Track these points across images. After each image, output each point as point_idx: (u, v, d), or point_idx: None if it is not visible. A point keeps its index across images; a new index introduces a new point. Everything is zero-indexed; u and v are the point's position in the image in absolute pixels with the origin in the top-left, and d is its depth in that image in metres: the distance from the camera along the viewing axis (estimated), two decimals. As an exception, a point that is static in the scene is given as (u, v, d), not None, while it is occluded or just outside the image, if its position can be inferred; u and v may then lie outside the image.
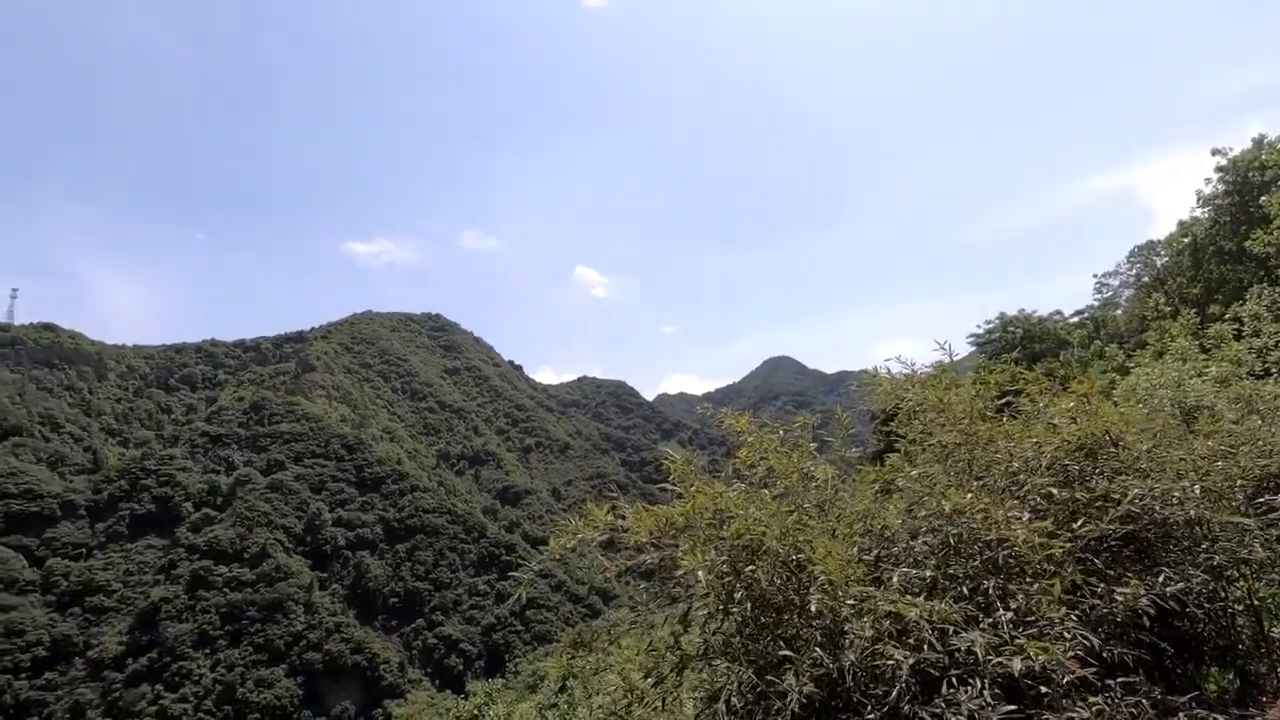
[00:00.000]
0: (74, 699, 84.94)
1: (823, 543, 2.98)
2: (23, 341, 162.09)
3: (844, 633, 2.78)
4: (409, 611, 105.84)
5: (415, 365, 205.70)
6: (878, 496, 3.73)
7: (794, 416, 4.37)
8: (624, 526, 3.33)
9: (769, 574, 2.99)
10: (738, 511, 3.16)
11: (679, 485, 3.62)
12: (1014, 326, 35.35)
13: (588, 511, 3.40)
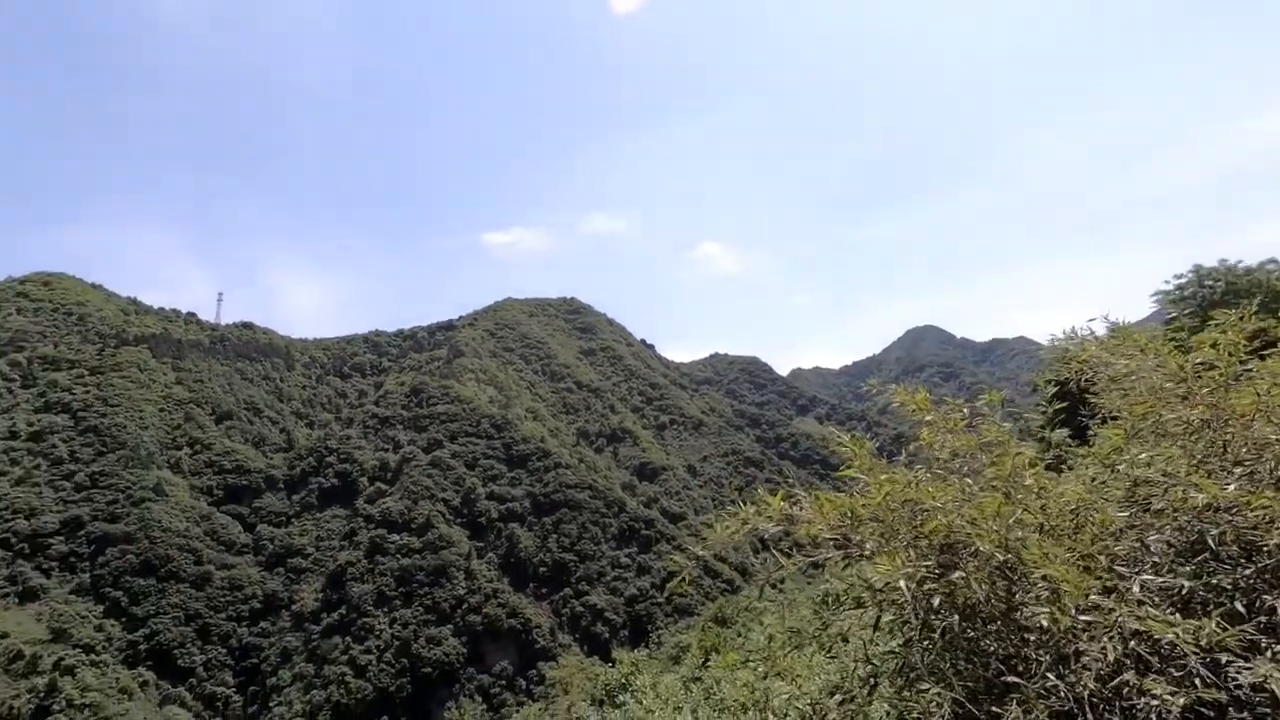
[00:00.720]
0: (282, 645, 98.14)
1: (1035, 541, 2.49)
2: (228, 339, 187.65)
3: (1077, 654, 2.28)
4: (557, 581, 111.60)
5: (553, 348, 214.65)
6: (1091, 484, 3.04)
7: (943, 389, 3.75)
8: (800, 517, 2.96)
9: (980, 580, 2.51)
10: (934, 504, 2.72)
11: (860, 473, 3.13)
12: (1213, 280, 30.38)
13: (759, 499, 3.06)
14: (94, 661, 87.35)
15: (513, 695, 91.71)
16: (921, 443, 3.44)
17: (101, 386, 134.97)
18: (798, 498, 3.02)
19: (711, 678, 19.19)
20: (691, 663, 24.50)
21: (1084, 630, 2.29)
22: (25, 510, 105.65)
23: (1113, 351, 3.67)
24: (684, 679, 21.93)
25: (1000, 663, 2.40)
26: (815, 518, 2.90)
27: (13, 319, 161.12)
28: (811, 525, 2.90)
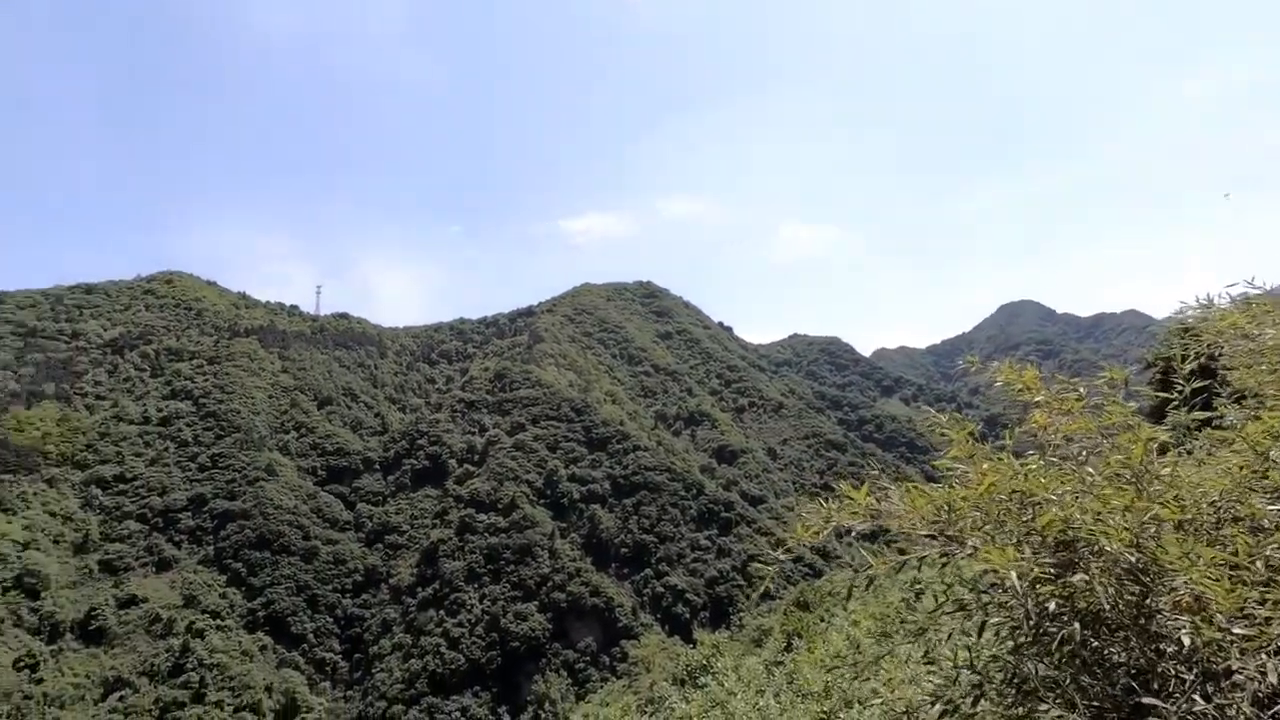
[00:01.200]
0: (382, 616, 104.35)
1: (1174, 541, 2.12)
2: (327, 329, 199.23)
3: (1228, 673, 1.96)
4: (638, 561, 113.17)
5: (630, 332, 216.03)
6: (1239, 474, 2.58)
7: (1042, 368, 3.37)
8: (889, 512, 2.69)
9: (1106, 583, 2.15)
10: (1048, 495, 2.37)
11: (959, 460, 2.83)
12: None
13: (843, 493, 2.82)
14: (219, 626, 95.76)
15: (597, 671, 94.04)
16: (1034, 425, 3.04)
17: (218, 375, 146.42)
18: (885, 490, 2.80)
19: (794, 663, 18.95)
20: (774, 646, 24.29)
21: (1235, 645, 1.96)
22: (158, 488, 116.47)
23: (1259, 320, 3.19)
24: (766, 663, 21.77)
25: (1131, 678, 2.07)
26: (907, 512, 2.64)
27: (142, 315, 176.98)
28: (903, 521, 2.65)
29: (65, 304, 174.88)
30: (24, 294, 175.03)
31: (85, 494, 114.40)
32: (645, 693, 30.49)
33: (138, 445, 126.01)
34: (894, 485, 2.84)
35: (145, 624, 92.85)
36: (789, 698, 14.13)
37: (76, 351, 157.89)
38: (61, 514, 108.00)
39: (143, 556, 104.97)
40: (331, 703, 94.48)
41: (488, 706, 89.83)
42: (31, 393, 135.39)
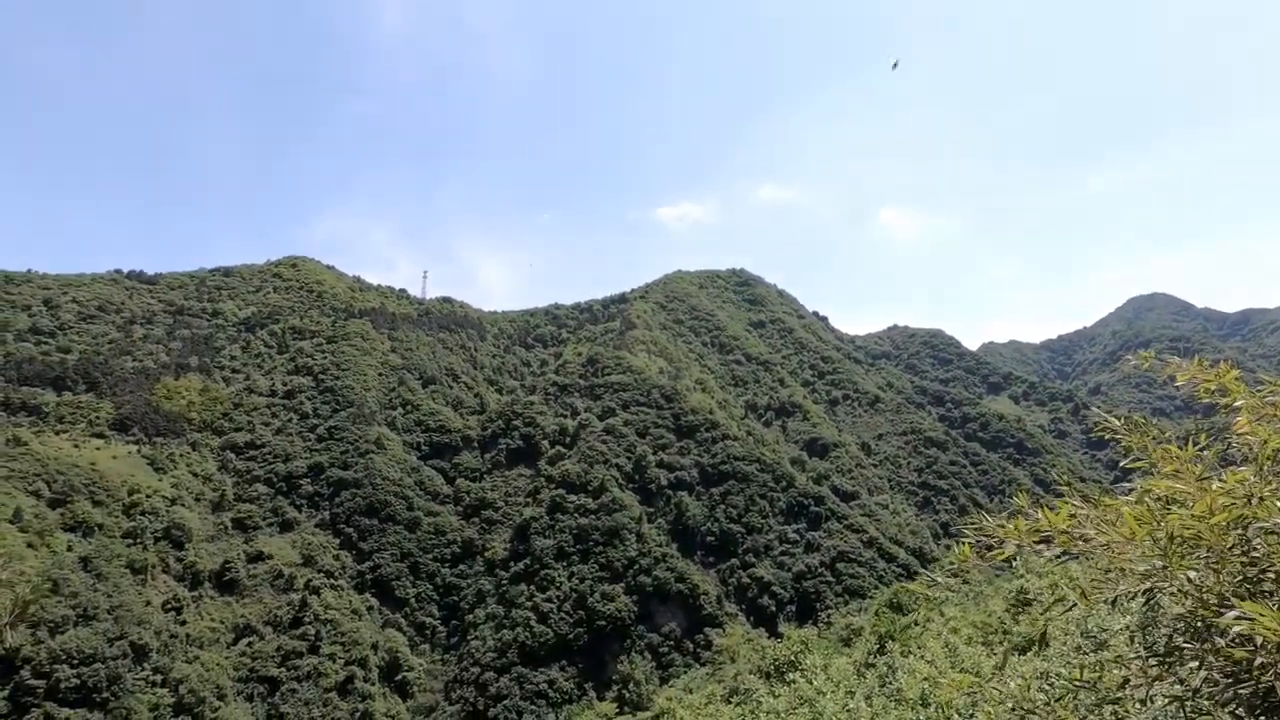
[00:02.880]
0: (477, 587, 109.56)
1: None
2: (432, 312, 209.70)
3: None
4: (724, 550, 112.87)
5: (722, 320, 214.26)
6: None
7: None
8: (1090, 536, 2.28)
9: None
10: None
11: (1161, 472, 2.37)
12: None
13: (1029, 510, 2.43)
14: (333, 585, 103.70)
15: (680, 656, 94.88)
16: (1244, 434, 2.56)
17: (335, 354, 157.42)
18: (1079, 510, 2.38)
19: (886, 665, 18.40)
20: (864, 647, 23.67)
21: None
22: (283, 455, 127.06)
23: None
24: (856, 663, 21.25)
25: None
26: (1118, 539, 2.18)
27: (270, 296, 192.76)
28: (1115, 553, 2.19)
29: (207, 285, 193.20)
30: (173, 276, 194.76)
31: (222, 458, 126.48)
32: (729, 682, 30.57)
33: (266, 416, 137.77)
34: (1086, 504, 2.45)
35: (270, 578, 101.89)
36: (881, 702, 13.77)
37: (216, 329, 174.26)
38: (202, 475, 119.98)
39: (269, 517, 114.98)
40: (430, 664, 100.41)
41: (574, 681, 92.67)
42: (179, 365, 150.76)
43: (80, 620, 77.71)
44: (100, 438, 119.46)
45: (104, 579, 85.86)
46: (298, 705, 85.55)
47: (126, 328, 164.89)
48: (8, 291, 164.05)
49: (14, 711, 67.56)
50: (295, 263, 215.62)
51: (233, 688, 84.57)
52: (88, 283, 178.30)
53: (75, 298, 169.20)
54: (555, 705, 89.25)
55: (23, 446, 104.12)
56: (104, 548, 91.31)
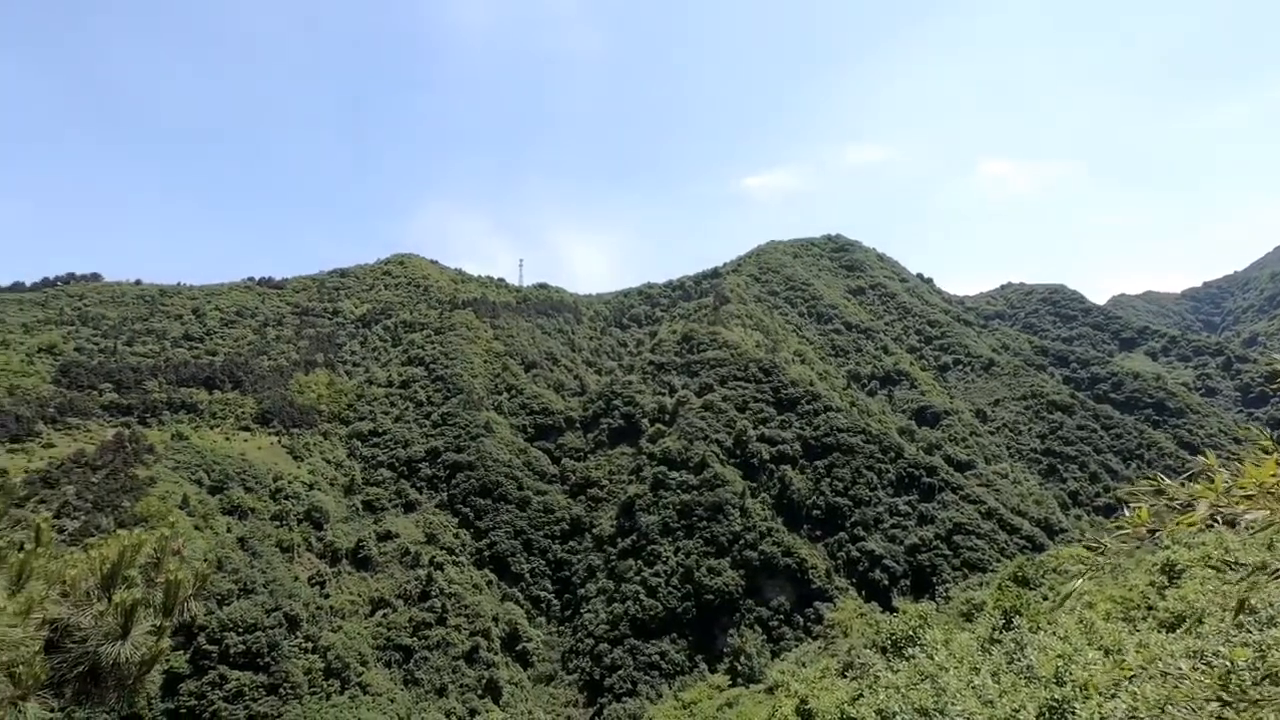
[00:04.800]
0: (587, 562, 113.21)
1: None
2: (529, 298, 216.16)
3: None
4: (831, 524, 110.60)
5: (819, 288, 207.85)
6: None
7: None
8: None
9: None
10: None
11: None
12: None
13: (1208, 468, 2.12)
14: (454, 561, 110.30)
15: (791, 630, 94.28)
16: None
17: (443, 344, 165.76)
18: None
19: (1014, 642, 17.47)
20: (987, 622, 22.56)
21: None
22: (402, 441, 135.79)
23: None
24: (980, 639, 20.31)
25: None
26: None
27: (382, 293, 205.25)
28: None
29: (327, 287, 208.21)
30: (298, 280, 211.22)
31: (349, 445, 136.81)
32: (844, 657, 30.10)
33: (385, 405, 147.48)
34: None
35: (398, 556, 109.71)
36: (1010, 679, 13.12)
37: (337, 327, 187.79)
38: (334, 461, 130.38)
39: (393, 499, 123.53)
40: (547, 636, 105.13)
41: (685, 654, 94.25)
42: (308, 361, 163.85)
43: (241, 593, 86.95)
44: (246, 430, 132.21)
45: (258, 557, 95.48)
46: (430, 672, 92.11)
47: (261, 330, 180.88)
48: (163, 304, 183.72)
49: (194, 673, 76.85)
50: (403, 260, 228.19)
51: (373, 655, 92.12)
52: (226, 291, 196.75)
53: (218, 305, 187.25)
54: (668, 676, 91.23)
55: (184, 440, 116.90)
56: (257, 529, 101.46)
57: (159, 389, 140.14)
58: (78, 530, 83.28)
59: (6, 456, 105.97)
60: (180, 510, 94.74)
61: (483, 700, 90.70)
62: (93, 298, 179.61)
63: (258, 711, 76.25)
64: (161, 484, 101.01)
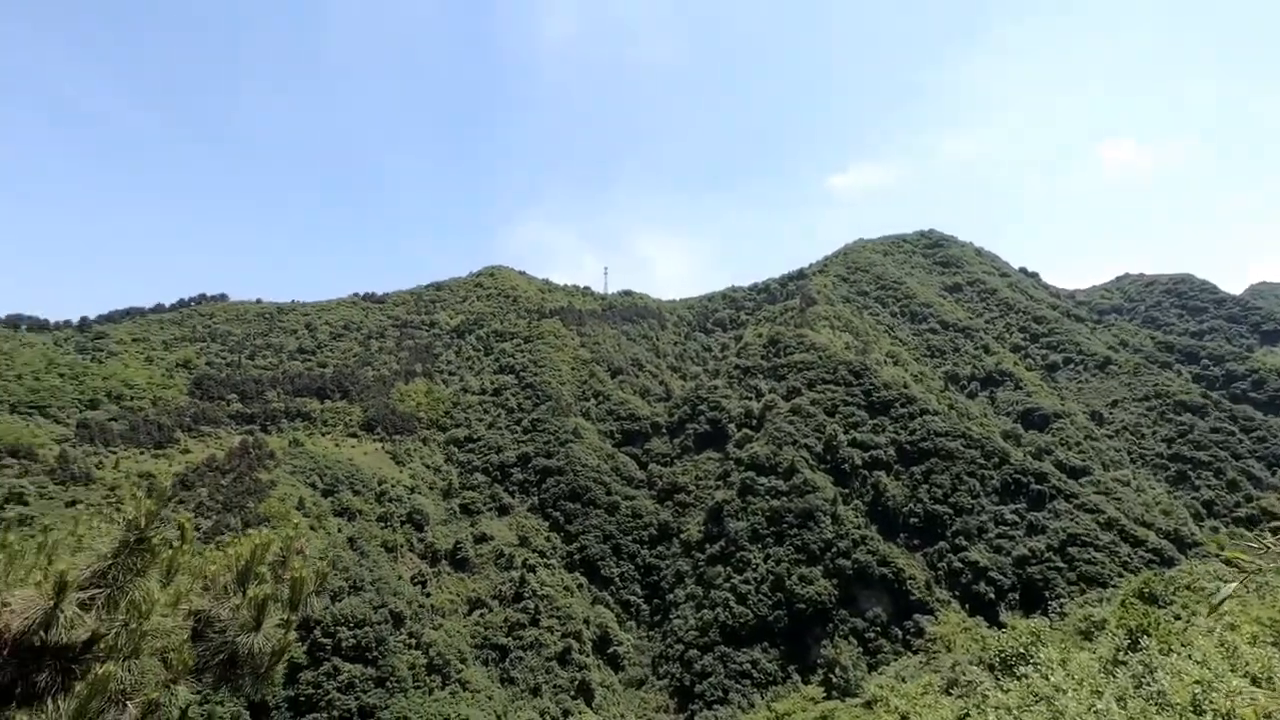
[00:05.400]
0: (676, 568, 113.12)
1: None
2: (614, 306, 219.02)
3: None
4: (930, 533, 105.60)
5: (912, 287, 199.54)
6: None
7: None
8: None
9: None
10: None
11: None
12: None
13: None
14: (546, 564, 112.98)
15: (888, 643, 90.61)
16: None
17: (532, 352, 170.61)
18: None
19: (1142, 664, 16.07)
20: (1110, 642, 20.88)
21: None
22: (495, 447, 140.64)
23: None
24: (1102, 660, 18.81)
25: None
26: None
27: (475, 305, 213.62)
28: None
29: (424, 299, 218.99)
30: (398, 295, 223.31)
31: (447, 451, 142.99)
32: (947, 673, 28.57)
33: (479, 412, 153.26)
34: None
35: (493, 557, 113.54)
36: (1139, 705, 12.07)
37: (433, 338, 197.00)
38: (432, 466, 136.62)
39: (488, 502, 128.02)
40: (637, 640, 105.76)
41: (777, 663, 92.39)
42: (407, 371, 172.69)
43: (351, 590, 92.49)
44: (354, 437, 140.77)
45: (366, 556, 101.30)
46: (525, 671, 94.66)
47: (366, 342, 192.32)
48: (280, 320, 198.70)
49: (311, 663, 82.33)
50: (493, 272, 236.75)
51: (471, 653, 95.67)
52: (334, 306, 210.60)
53: (327, 320, 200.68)
54: (760, 686, 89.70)
55: (300, 446, 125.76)
56: (364, 530, 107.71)
57: (278, 399, 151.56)
58: (210, 529, 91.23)
59: (152, 461, 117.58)
60: (297, 511, 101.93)
61: (575, 701, 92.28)
62: (221, 316, 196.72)
63: (367, 703, 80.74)
64: (281, 486, 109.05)
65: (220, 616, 6.00)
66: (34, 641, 4.90)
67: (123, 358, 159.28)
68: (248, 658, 5.76)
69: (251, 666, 5.82)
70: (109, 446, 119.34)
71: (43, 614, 4.82)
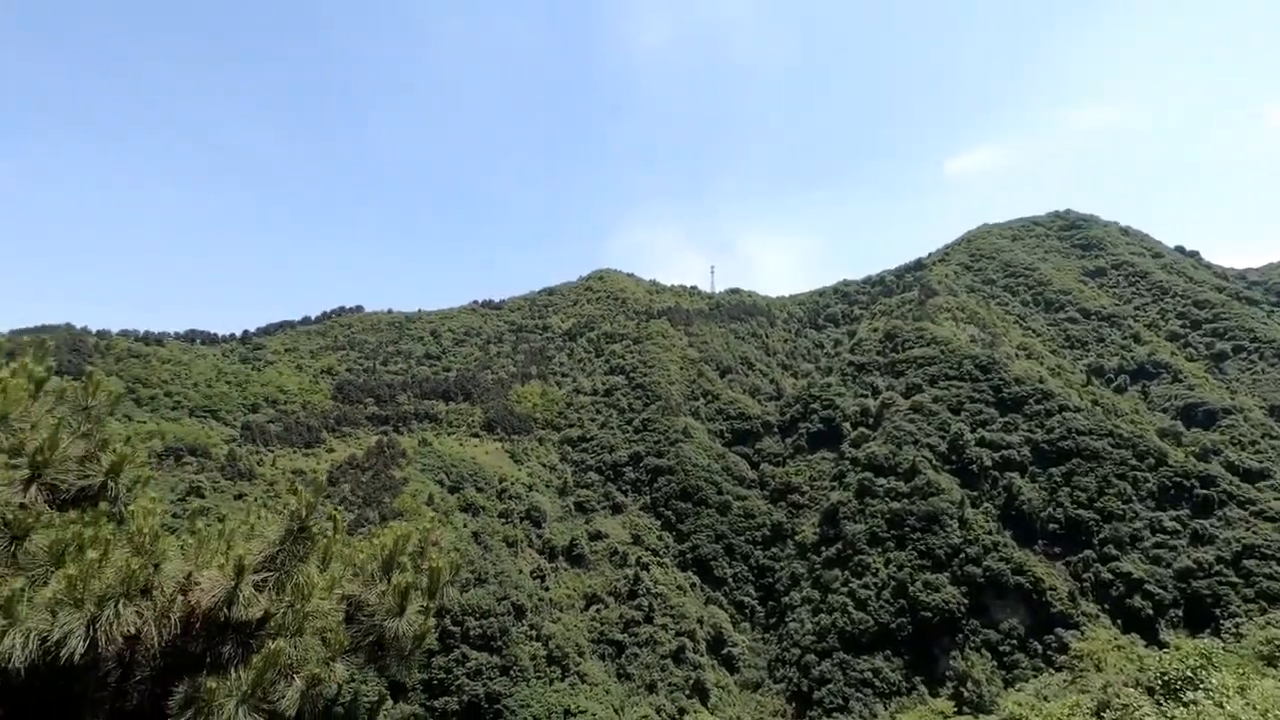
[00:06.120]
0: (791, 570, 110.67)
1: None
2: (722, 304, 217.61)
3: None
4: (1073, 540, 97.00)
5: (1046, 272, 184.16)
6: None
7: None
8: None
9: None
10: None
11: None
12: None
13: None
14: (659, 562, 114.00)
15: (1025, 657, 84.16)
16: None
17: (641, 353, 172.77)
18: None
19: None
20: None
21: None
22: (608, 446, 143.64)
23: None
24: (1292, 689, 16.50)
25: None
26: None
27: (585, 308, 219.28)
28: None
29: (537, 305, 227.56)
30: (513, 300, 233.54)
31: (561, 450, 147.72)
32: (1098, 694, 26.04)
33: (591, 412, 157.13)
34: None
35: (607, 554, 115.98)
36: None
37: (546, 341, 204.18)
38: (548, 465, 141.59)
39: (601, 501, 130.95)
40: (752, 642, 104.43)
41: (900, 673, 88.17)
42: (523, 374, 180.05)
43: (476, 583, 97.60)
44: (476, 437, 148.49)
45: (489, 550, 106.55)
46: (640, 668, 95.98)
47: (485, 347, 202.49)
48: (408, 328, 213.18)
49: (442, 649, 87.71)
50: (602, 275, 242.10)
51: (588, 647, 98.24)
52: (456, 314, 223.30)
53: (450, 327, 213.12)
54: (883, 696, 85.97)
55: (428, 446, 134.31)
56: (487, 525, 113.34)
57: (408, 402, 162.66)
58: (353, 521, 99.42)
59: (303, 459, 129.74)
60: (426, 506, 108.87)
61: (690, 700, 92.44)
62: (357, 326, 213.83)
63: (493, 690, 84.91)
64: (412, 483, 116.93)
65: (368, 601, 6.53)
66: (219, 617, 5.56)
67: (277, 366, 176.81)
68: (393, 641, 6.24)
69: (397, 649, 6.29)
70: (268, 446, 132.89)
71: (226, 593, 5.46)
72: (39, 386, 6.68)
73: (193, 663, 5.71)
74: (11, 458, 5.67)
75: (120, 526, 5.89)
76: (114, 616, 4.85)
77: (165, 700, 5.32)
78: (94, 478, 6.60)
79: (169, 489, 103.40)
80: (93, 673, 5.38)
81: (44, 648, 4.70)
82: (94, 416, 6.98)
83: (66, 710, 5.35)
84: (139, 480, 6.98)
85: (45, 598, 4.87)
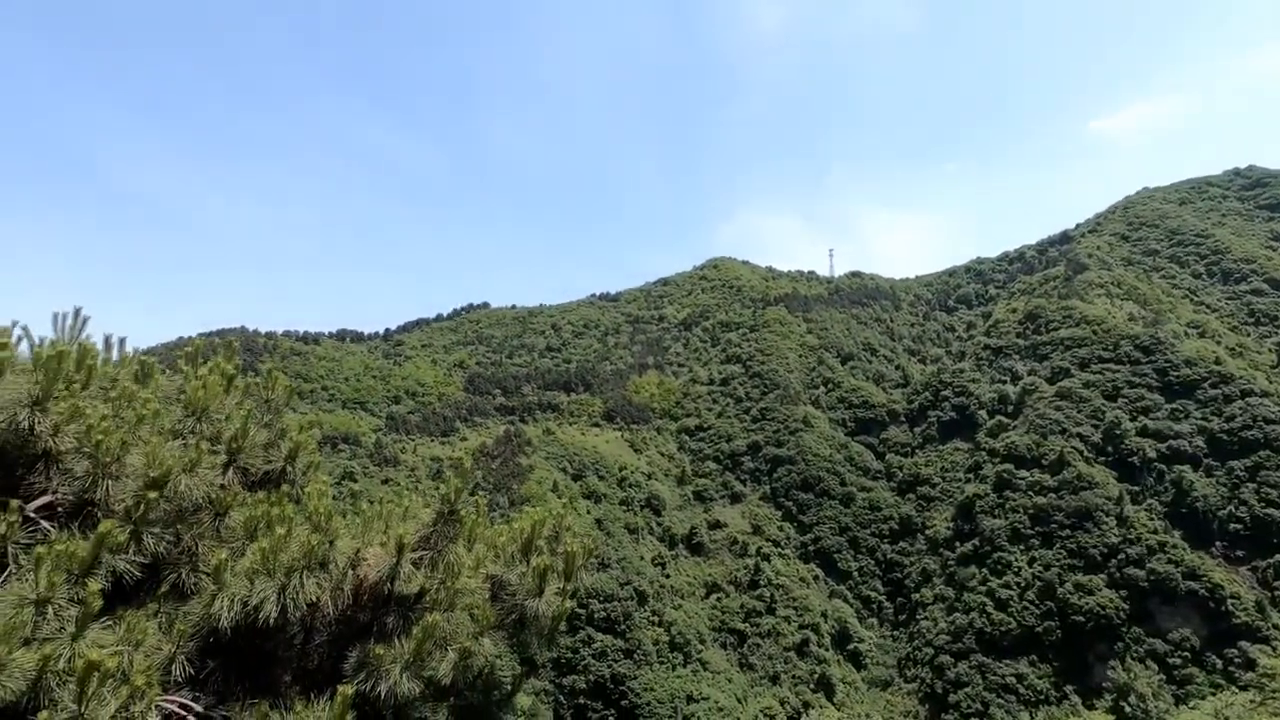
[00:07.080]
0: (921, 566, 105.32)
1: None
2: (842, 289, 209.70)
3: None
4: (1261, 543, 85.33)
5: (1224, 238, 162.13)
6: None
7: None
8: None
9: None
10: None
11: None
12: None
13: None
14: (780, 554, 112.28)
15: (1201, 672, 75.28)
16: None
17: (758, 341, 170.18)
18: None
19: None
20: None
21: None
22: (726, 436, 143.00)
23: None
24: None
25: None
26: None
27: (700, 297, 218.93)
28: None
29: (652, 296, 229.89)
30: (629, 293, 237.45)
31: (679, 440, 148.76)
32: (1296, 718, 22.71)
33: (708, 402, 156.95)
34: None
35: (727, 544, 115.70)
36: None
37: (663, 331, 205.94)
38: (666, 454, 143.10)
39: (720, 490, 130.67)
40: (880, 638, 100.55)
41: (1049, 680, 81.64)
42: (640, 364, 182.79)
43: (599, 568, 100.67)
44: (596, 427, 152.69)
45: (611, 536, 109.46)
46: (763, 659, 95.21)
47: (603, 339, 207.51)
48: (531, 323, 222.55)
49: (569, 630, 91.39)
50: (716, 264, 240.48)
51: (710, 635, 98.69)
52: (575, 308, 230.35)
53: (569, 320, 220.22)
54: (1028, 704, 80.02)
55: (552, 435, 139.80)
56: (608, 512, 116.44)
57: (532, 393, 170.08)
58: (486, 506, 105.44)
59: (439, 447, 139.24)
60: (552, 493, 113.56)
61: (815, 695, 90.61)
62: (485, 321, 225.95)
63: (618, 671, 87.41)
64: (538, 471, 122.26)
65: (510, 582, 6.94)
66: (383, 590, 6.13)
67: (415, 361, 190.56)
68: (533, 620, 6.60)
69: (537, 628, 6.65)
70: (409, 435, 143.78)
71: (389, 568, 6.01)
72: (230, 382, 7.65)
73: (362, 630, 6.34)
74: (212, 445, 6.51)
75: (298, 506, 6.62)
76: (300, 585, 5.49)
77: (339, 663, 5.95)
78: (276, 463, 7.48)
79: (328, 473, 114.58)
80: (281, 635, 6.12)
81: (245, 610, 5.39)
82: (274, 408, 7.89)
83: (261, 666, 6.10)
84: (311, 465, 7.83)
85: (244, 567, 5.59)
